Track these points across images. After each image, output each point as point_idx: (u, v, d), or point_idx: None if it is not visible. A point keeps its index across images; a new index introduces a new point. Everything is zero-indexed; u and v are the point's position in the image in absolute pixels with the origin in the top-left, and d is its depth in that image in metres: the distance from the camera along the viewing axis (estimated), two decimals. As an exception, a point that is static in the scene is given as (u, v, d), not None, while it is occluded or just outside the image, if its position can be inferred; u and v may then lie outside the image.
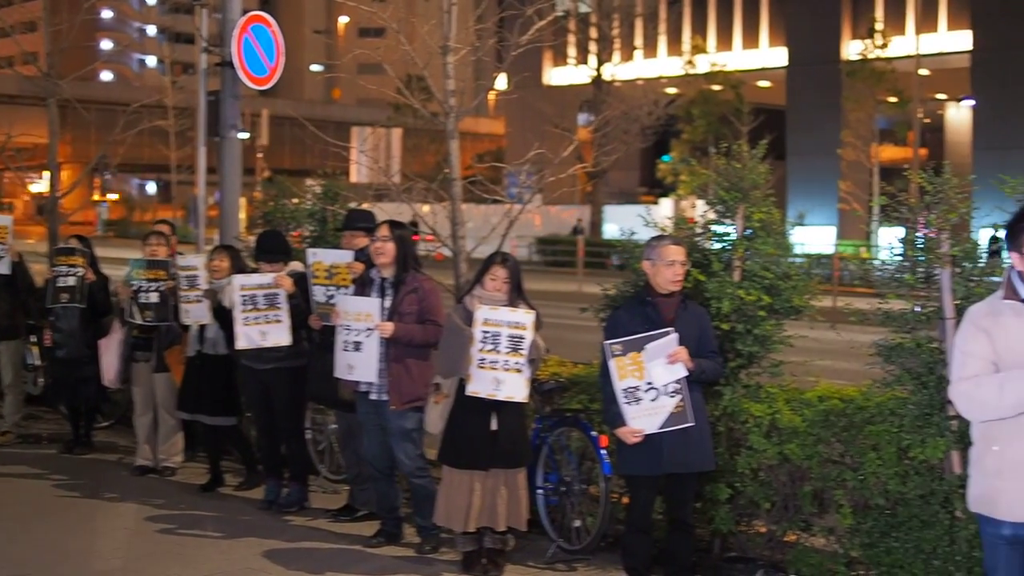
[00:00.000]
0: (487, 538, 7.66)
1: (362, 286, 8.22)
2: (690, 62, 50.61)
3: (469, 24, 10.29)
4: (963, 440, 5.37)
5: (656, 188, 55.95)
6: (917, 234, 6.79)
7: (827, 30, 48.83)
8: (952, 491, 6.43)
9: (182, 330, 9.90)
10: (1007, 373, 4.97)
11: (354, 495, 9.12)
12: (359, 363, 8.01)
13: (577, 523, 8.02)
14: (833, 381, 7.72)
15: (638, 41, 51.29)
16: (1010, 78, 42.70)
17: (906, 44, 43.98)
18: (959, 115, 52.26)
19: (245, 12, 11.79)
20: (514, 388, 7.37)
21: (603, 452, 7.61)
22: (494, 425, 7.47)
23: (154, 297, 9.94)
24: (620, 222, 9.11)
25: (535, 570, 7.86)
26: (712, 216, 7.89)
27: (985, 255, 6.66)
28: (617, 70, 47.79)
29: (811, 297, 7.79)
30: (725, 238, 7.81)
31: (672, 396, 6.79)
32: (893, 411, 6.78)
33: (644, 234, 7.71)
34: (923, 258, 6.76)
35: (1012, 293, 5.10)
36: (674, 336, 6.77)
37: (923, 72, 42.73)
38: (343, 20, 71.91)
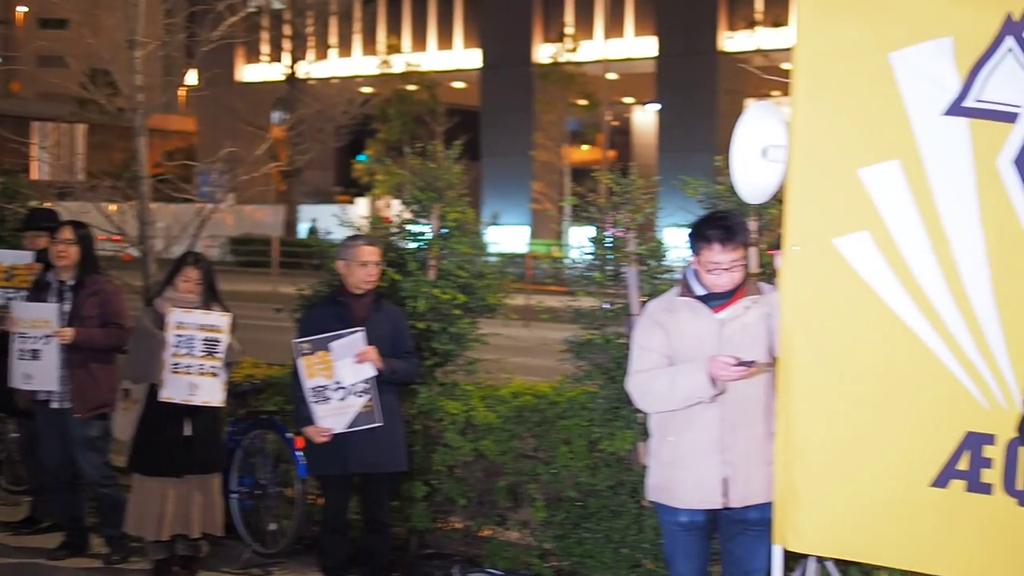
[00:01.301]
0: (180, 545, 7.45)
1: (38, 291, 7.84)
2: (385, 62, 50.64)
3: (158, 18, 10.00)
4: (648, 431, 5.56)
5: (352, 188, 55.76)
6: (606, 233, 6.96)
7: (519, 33, 49.71)
8: (639, 481, 6.62)
9: None
10: (678, 367, 5.20)
11: (36, 506, 8.71)
12: (38, 372, 7.66)
13: (273, 526, 7.91)
14: (527, 377, 7.86)
15: (333, 39, 51.04)
16: (692, 83, 44.55)
17: (595, 48, 45.34)
18: (645, 118, 54.12)
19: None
20: (210, 392, 7.19)
21: (298, 454, 7.52)
22: (188, 431, 7.26)
23: None
24: (316, 222, 9.03)
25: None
26: (407, 216, 7.91)
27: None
28: (312, 68, 47.41)
29: (505, 295, 7.91)
30: (420, 237, 7.84)
31: (360, 396, 6.76)
32: (584, 405, 6.94)
33: (340, 234, 7.66)
34: (611, 257, 6.93)
35: (687, 290, 5.34)
36: (361, 335, 6.72)
37: (611, 76, 44.15)
38: (21, 10, 68.71)
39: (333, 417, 6.75)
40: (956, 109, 4.73)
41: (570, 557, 7.01)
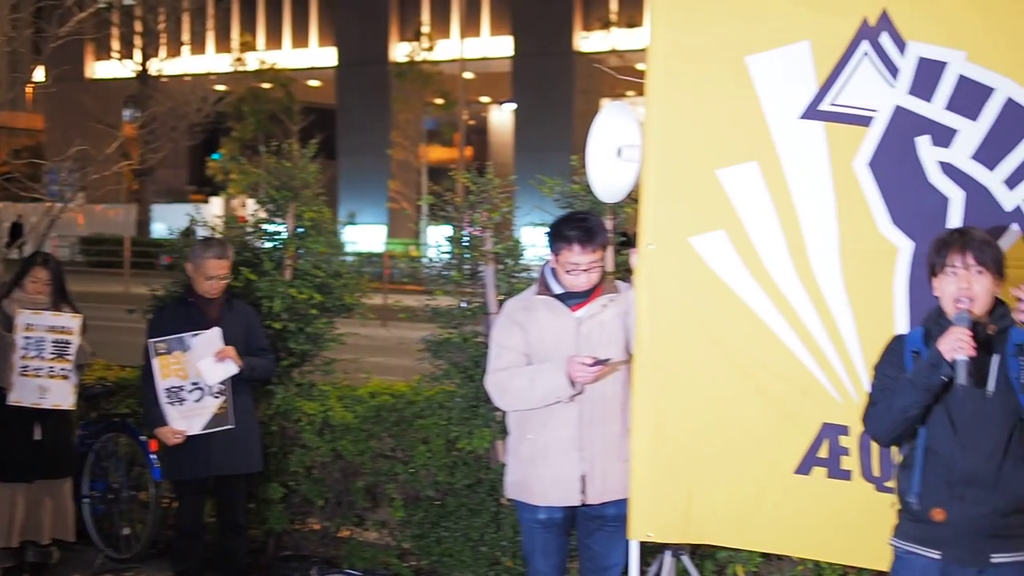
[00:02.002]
0: (30, 552, 7.27)
1: None
2: (239, 59, 50.00)
3: (3, 13, 9.70)
4: (507, 430, 5.59)
5: (206, 186, 54.91)
6: (463, 232, 6.98)
7: (375, 31, 49.48)
8: (498, 479, 6.65)
9: None
10: (537, 367, 5.24)
11: None
12: None
13: (126, 531, 7.78)
14: (384, 377, 7.84)
15: (185, 36, 50.17)
16: (548, 83, 44.83)
17: (451, 48, 45.37)
18: (502, 118, 54.30)
19: None
20: (61, 395, 7.03)
21: (152, 457, 7.39)
22: (38, 435, 7.08)
23: None
24: (169, 221, 8.88)
25: (82, 582, 7.56)
26: (263, 215, 7.83)
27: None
28: (164, 65, 46.52)
29: (362, 295, 7.88)
30: (276, 237, 7.76)
31: (217, 397, 6.67)
32: (442, 404, 6.95)
33: (197, 233, 7.55)
34: (469, 256, 6.95)
35: (545, 288, 5.38)
36: (218, 332, 6.63)
37: (468, 75, 44.18)
38: None
39: (187, 419, 6.64)
40: (812, 112, 4.85)
41: (429, 556, 7.01)
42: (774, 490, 5.05)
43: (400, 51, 48.63)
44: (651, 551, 5.60)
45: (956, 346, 4.03)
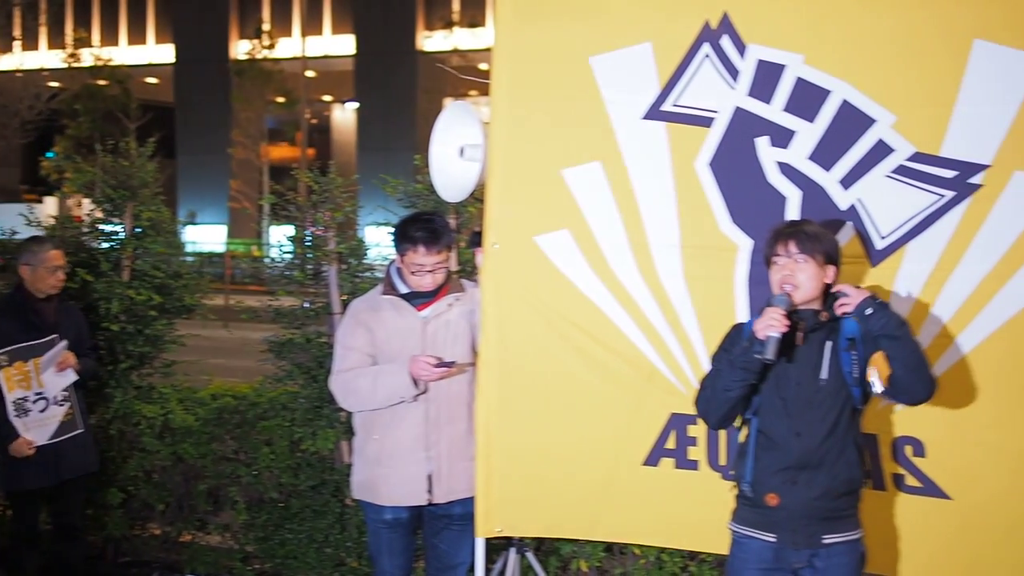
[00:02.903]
0: None
1: None
2: (73, 55, 48.78)
3: None
4: (352, 430, 5.57)
5: (40, 186, 53.40)
6: (306, 232, 6.94)
7: (215, 28, 48.79)
8: (342, 480, 6.63)
9: None
10: (381, 367, 5.24)
11: None
12: None
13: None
14: (227, 379, 7.76)
15: (16, 31, 48.74)
16: (390, 82, 44.72)
17: (293, 46, 44.96)
18: (344, 116, 54.02)
19: None
20: None
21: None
22: None
23: None
24: (1, 221, 8.62)
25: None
26: (99, 215, 7.66)
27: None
28: (-6, 61, 45.22)
29: (203, 296, 7.77)
30: (113, 237, 7.60)
31: (62, 404, 6.51)
32: (285, 405, 6.89)
33: (27, 234, 7.34)
34: (312, 255, 6.91)
35: (390, 288, 5.37)
36: (63, 342, 6.47)
37: (310, 74, 43.88)
38: None
39: (35, 430, 6.45)
40: (655, 113, 4.92)
41: (273, 559, 6.95)
42: (622, 482, 5.13)
43: (240, 49, 48.01)
44: (497, 549, 5.64)
45: (767, 323, 4.19)
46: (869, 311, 4.20)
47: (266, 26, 46.77)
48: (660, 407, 5.05)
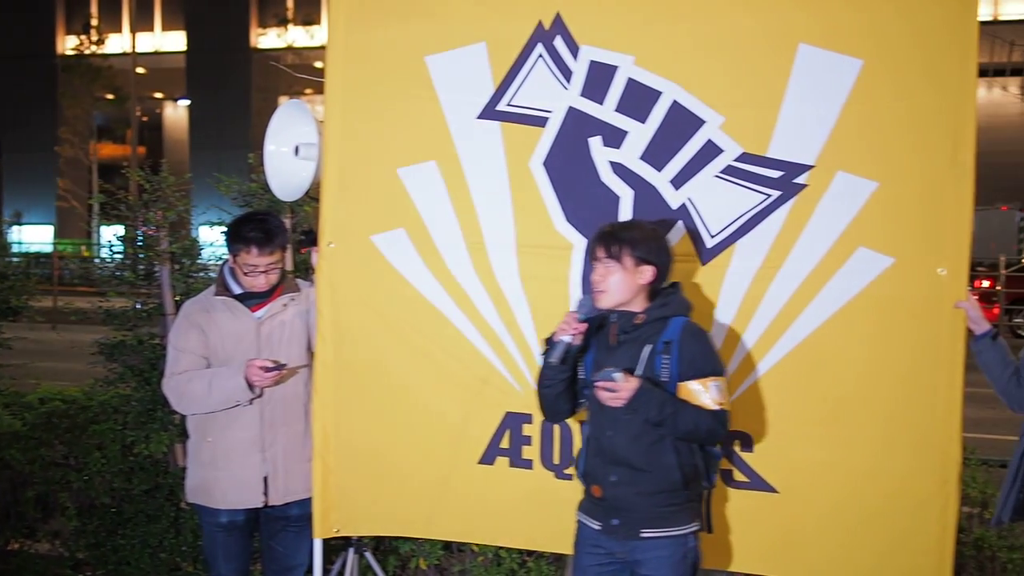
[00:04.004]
0: None
1: None
2: None
3: None
4: (186, 433, 5.50)
5: None
6: (137, 232, 6.83)
7: (40, 24, 47.54)
8: (177, 484, 6.55)
9: None
10: (216, 370, 5.18)
11: None
12: None
13: None
14: (55, 382, 7.60)
15: None
16: (223, 80, 44.17)
17: (123, 42, 44.05)
18: (177, 114, 53.18)
19: None
20: None
21: None
22: None
23: None
24: None
25: None
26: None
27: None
28: None
29: (30, 297, 7.60)
30: (-67, 238, 7.38)
31: None
32: (117, 409, 6.78)
33: None
34: (143, 256, 6.80)
35: (224, 289, 5.31)
36: None
37: (140, 71, 43.04)
38: None
39: None
40: (490, 113, 4.96)
41: (105, 566, 6.81)
42: (459, 481, 5.15)
43: (67, 44, 46.86)
44: (335, 549, 5.62)
45: (561, 327, 4.33)
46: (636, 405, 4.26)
47: (95, 22, 45.73)
48: (496, 406, 5.09)
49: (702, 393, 4.30)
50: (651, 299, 4.45)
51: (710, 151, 4.71)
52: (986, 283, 22.04)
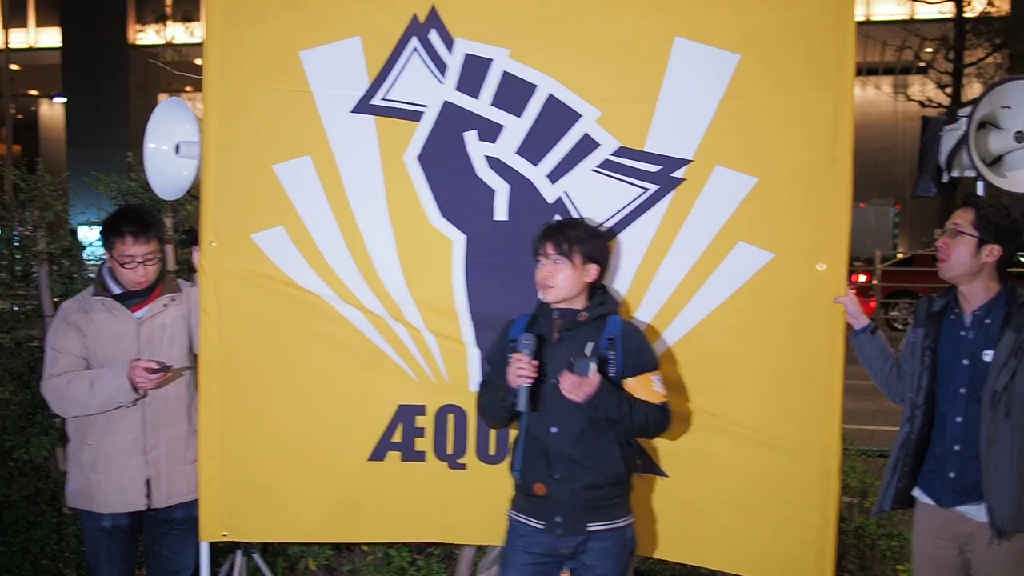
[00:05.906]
0: None
1: None
2: None
3: None
4: (67, 437, 5.42)
5: None
6: (13, 232, 6.72)
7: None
8: (58, 488, 6.46)
9: None
10: (97, 371, 5.11)
11: None
12: None
13: None
14: (-70, 388, 7.41)
15: None
16: (100, 77, 43.39)
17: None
18: (53, 112, 52.13)
19: None
20: None
21: None
22: None
23: None
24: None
25: None
26: None
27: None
28: None
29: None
30: None
31: None
32: (-5, 414, 6.66)
33: None
34: (20, 256, 6.70)
35: (103, 289, 5.25)
36: None
37: (14, 67, 42.09)
38: None
39: None
40: (363, 107, 4.96)
41: (-14, 574, 6.70)
42: (349, 479, 5.13)
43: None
44: (222, 552, 5.58)
45: (515, 373, 4.35)
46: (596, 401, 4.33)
47: (-35, 17, 44.65)
48: (389, 399, 5.09)
49: (647, 388, 4.41)
50: (589, 297, 4.52)
51: (587, 145, 4.78)
52: (863, 277, 22.54)
